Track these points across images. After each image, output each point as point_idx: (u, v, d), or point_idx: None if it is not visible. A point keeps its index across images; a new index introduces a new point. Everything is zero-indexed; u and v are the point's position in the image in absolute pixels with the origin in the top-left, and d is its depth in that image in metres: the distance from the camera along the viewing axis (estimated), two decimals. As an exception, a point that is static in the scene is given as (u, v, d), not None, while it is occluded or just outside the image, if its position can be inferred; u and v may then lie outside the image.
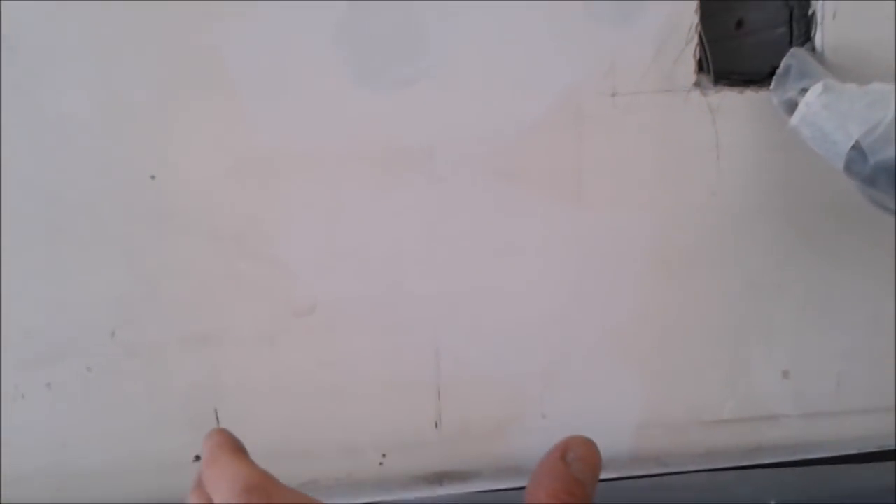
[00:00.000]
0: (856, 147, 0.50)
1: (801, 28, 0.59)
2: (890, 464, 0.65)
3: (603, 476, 0.64)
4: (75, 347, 0.57)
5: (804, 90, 0.53)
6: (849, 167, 0.50)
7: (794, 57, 0.55)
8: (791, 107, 0.53)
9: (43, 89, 0.54)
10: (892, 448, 0.66)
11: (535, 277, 0.60)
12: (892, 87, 0.50)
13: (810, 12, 0.58)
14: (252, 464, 0.38)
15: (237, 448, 0.39)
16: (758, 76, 0.59)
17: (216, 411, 0.60)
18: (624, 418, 0.64)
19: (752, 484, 0.64)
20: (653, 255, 0.61)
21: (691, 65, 0.57)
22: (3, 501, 0.59)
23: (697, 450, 0.65)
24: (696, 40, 0.57)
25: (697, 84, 0.58)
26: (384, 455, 0.62)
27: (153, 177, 0.56)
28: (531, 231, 0.59)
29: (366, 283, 0.60)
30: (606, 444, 0.64)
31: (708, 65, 0.58)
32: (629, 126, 0.58)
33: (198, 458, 0.60)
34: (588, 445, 0.42)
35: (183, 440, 0.59)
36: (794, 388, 0.65)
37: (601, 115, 0.58)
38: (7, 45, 0.53)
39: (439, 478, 0.63)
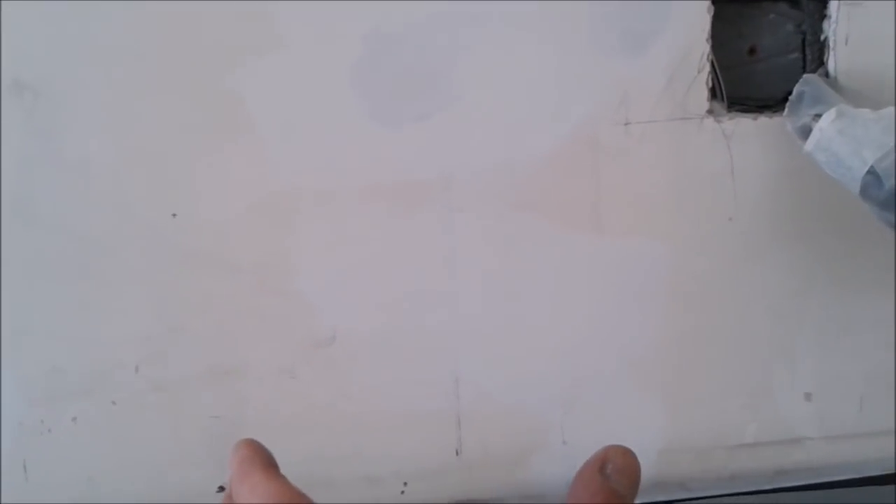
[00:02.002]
0: (871, 172, 0.49)
1: (814, 53, 0.59)
2: (915, 485, 0.64)
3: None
4: (101, 382, 0.58)
5: (818, 116, 0.53)
6: (864, 192, 0.50)
7: (808, 83, 0.55)
8: (805, 132, 0.53)
9: (66, 133, 0.55)
10: (917, 469, 0.65)
11: (555, 306, 0.61)
12: (905, 111, 0.50)
13: (823, 38, 0.58)
14: (284, 480, 0.36)
15: (268, 463, 0.38)
16: (771, 101, 0.59)
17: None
18: (646, 443, 0.64)
19: (776, 508, 0.63)
20: (672, 281, 0.61)
21: (704, 92, 0.58)
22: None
23: (721, 473, 0.65)
24: (708, 68, 0.57)
25: (711, 111, 0.58)
26: (406, 483, 0.63)
27: (174, 215, 0.57)
28: (549, 261, 0.60)
29: (385, 314, 0.60)
30: (628, 471, 0.65)
31: (721, 92, 0.58)
32: (644, 155, 0.59)
33: (221, 488, 0.61)
34: (627, 456, 0.40)
35: (206, 473, 0.60)
36: (816, 411, 0.64)
37: (615, 145, 0.58)
38: (31, 91, 0.54)
39: (462, 510, 0.64)
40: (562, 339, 0.62)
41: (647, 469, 0.64)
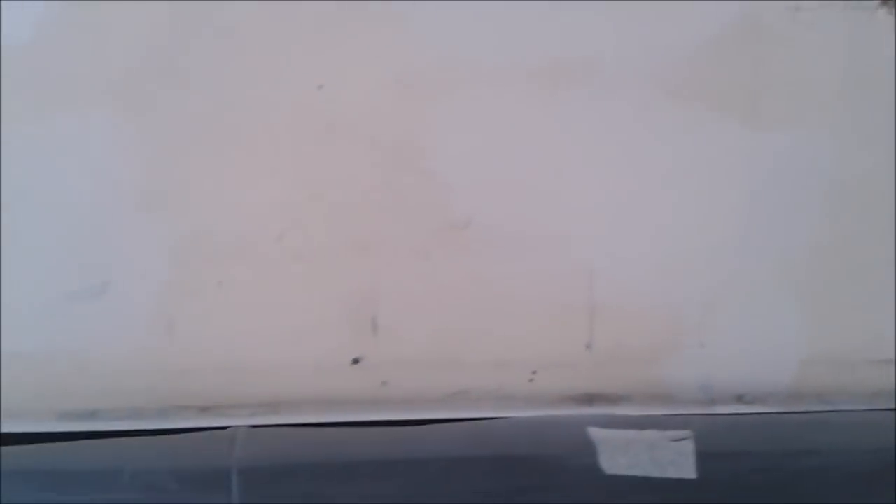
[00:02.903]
0: None
1: None
2: None
3: (761, 410, 0.62)
4: (245, 249, 0.60)
5: None
6: None
7: None
8: None
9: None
10: None
11: (703, 202, 0.58)
12: None
13: None
14: None
15: None
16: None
17: (374, 317, 0.61)
18: (787, 352, 0.61)
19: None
20: (832, 180, 0.57)
21: (884, -23, 0.53)
22: (178, 392, 0.63)
23: (863, 389, 0.62)
24: (894, -52, 0.52)
25: (886, 0, 0.53)
26: (534, 372, 0.62)
27: (321, 86, 0.57)
28: (700, 153, 0.57)
29: (522, 200, 0.59)
30: (767, 378, 0.63)
31: (903, -23, 0.53)
32: (811, 42, 0.55)
33: (356, 360, 0.62)
34: None
35: (341, 342, 0.62)
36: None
37: (782, 31, 0.55)
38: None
39: (589, 399, 0.63)
40: (708, 235, 0.59)
41: (785, 379, 0.62)
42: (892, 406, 0.61)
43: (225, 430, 0.60)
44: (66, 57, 0.55)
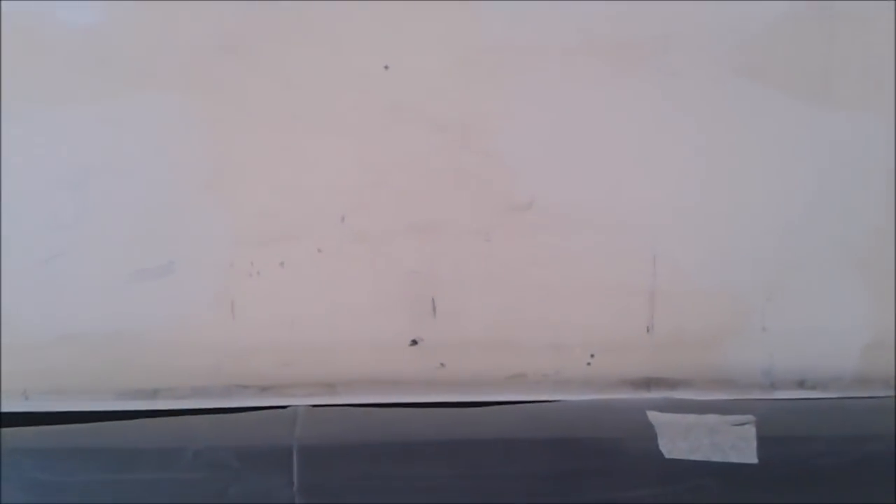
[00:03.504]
0: None
1: None
2: None
3: (823, 395, 0.61)
4: (308, 230, 0.60)
5: None
6: None
7: None
8: None
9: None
10: None
11: (770, 183, 0.57)
12: None
13: None
14: None
15: None
16: None
17: (433, 299, 0.61)
18: (852, 337, 0.60)
19: None
20: (900, 163, 0.56)
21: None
22: (239, 372, 0.63)
23: (933, 377, 0.61)
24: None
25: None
26: (592, 355, 0.62)
27: (386, 67, 0.57)
28: (770, 133, 0.56)
29: (586, 182, 0.59)
30: (830, 363, 0.62)
31: None
32: (885, 22, 0.54)
33: (414, 342, 0.62)
34: None
35: (400, 324, 0.62)
36: None
37: (855, 11, 0.53)
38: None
39: (647, 383, 0.63)
40: (773, 218, 0.58)
41: (850, 365, 0.61)
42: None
43: (286, 410, 0.61)
44: (134, 38, 0.56)
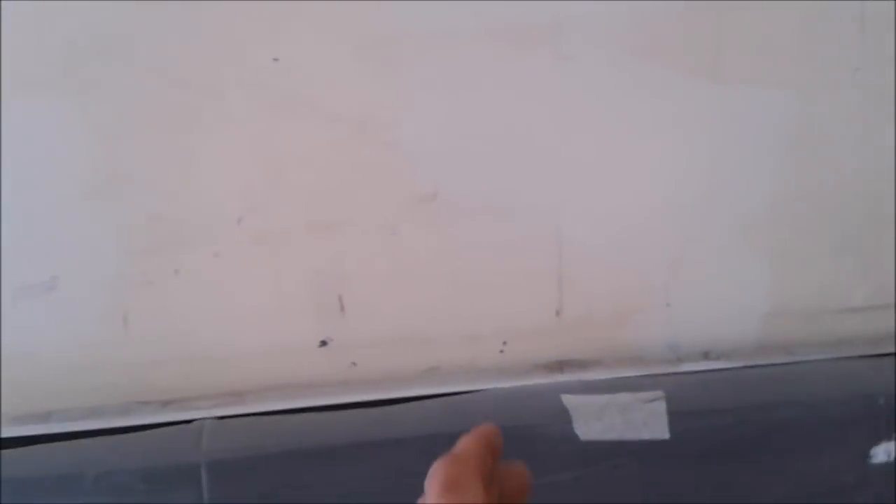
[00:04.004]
0: None
1: None
2: None
3: (728, 365, 0.63)
4: (202, 234, 0.57)
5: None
6: None
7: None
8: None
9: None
10: None
11: (665, 160, 0.58)
12: None
13: None
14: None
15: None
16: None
17: (340, 297, 0.60)
18: (752, 307, 0.62)
19: (885, 371, 0.61)
20: (791, 134, 0.58)
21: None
22: (138, 387, 0.60)
23: (827, 338, 0.63)
24: None
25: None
26: (505, 343, 0.62)
27: (276, 59, 0.54)
28: (663, 110, 0.57)
29: (488, 169, 0.58)
30: (733, 333, 0.64)
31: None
32: (771, -5, 0.55)
33: (323, 342, 0.60)
34: None
35: (308, 325, 0.60)
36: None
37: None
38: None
39: (560, 366, 0.63)
40: (672, 195, 0.59)
41: (751, 333, 0.63)
42: (859, 354, 0.63)
43: (190, 424, 0.58)
44: (4, 39, 0.51)
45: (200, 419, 0.58)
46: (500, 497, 0.34)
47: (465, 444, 0.35)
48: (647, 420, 0.58)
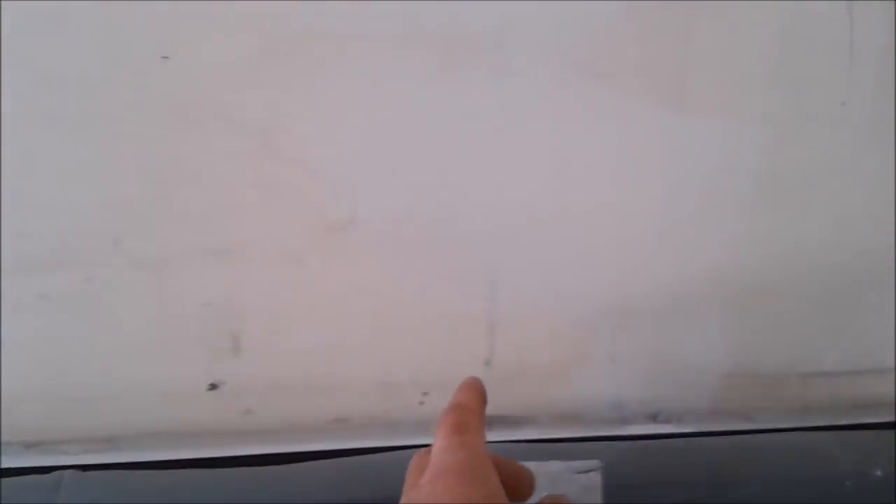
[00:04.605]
0: None
1: None
2: None
3: (679, 430, 0.56)
4: (74, 255, 0.49)
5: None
6: None
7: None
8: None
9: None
10: None
11: (617, 197, 0.51)
12: None
13: None
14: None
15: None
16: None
17: (235, 335, 0.52)
18: (708, 365, 0.55)
19: (854, 448, 0.54)
20: (764, 174, 0.51)
21: (830, -61, 0.46)
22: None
23: (792, 405, 0.56)
24: None
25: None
26: (425, 393, 0.54)
27: (165, 57, 0.46)
28: (617, 141, 0.49)
29: (413, 196, 0.50)
30: (685, 394, 0.56)
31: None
32: (746, 14, 0.48)
33: (213, 386, 0.52)
34: None
35: (196, 365, 0.52)
36: (909, 340, 0.55)
37: (715, 2, 0.47)
38: None
39: (487, 422, 0.54)
40: (622, 235, 0.52)
41: (706, 395, 0.55)
42: (826, 424, 0.55)
43: (47, 475, 0.50)
44: None
45: (61, 468, 0.50)
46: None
47: (464, 395, 0.41)
48: (580, 494, 0.51)
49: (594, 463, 0.51)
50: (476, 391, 0.42)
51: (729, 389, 0.55)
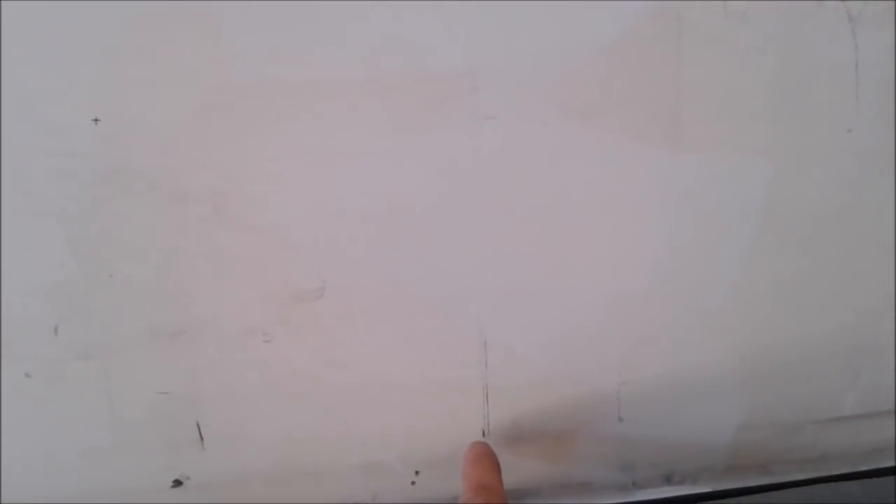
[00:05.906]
0: None
1: None
2: None
3: (695, 490, 0.51)
4: (9, 348, 0.43)
5: None
6: None
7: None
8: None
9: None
10: None
11: (613, 245, 0.46)
12: None
13: None
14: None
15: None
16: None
17: (197, 424, 0.46)
18: (721, 418, 0.51)
19: (878, 495, 0.50)
20: (768, 212, 0.47)
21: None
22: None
23: (810, 454, 0.52)
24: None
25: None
26: (417, 472, 0.49)
27: (96, 120, 0.41)
28: (608, 184, 0.45)
29: (389, 258, 0.45)
30: (699, 451, 0.52)
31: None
32: (744, 42, 0.44)
33: (177, 482, 0.47)
34: None
35: (156, 461, 0.46)
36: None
37: (708, 28, 0.44)
38: None
39: (486, 496, 0.49)
40: (621, 287, 0.47)
41: (721, 450, 0.51)
42: (848, 472, 0.51)
43: None
44: None
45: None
46: None
47: (482, 473, 0.40)
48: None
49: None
50: (490, 463, 0.41)
51: (745, 442, 0.51)
